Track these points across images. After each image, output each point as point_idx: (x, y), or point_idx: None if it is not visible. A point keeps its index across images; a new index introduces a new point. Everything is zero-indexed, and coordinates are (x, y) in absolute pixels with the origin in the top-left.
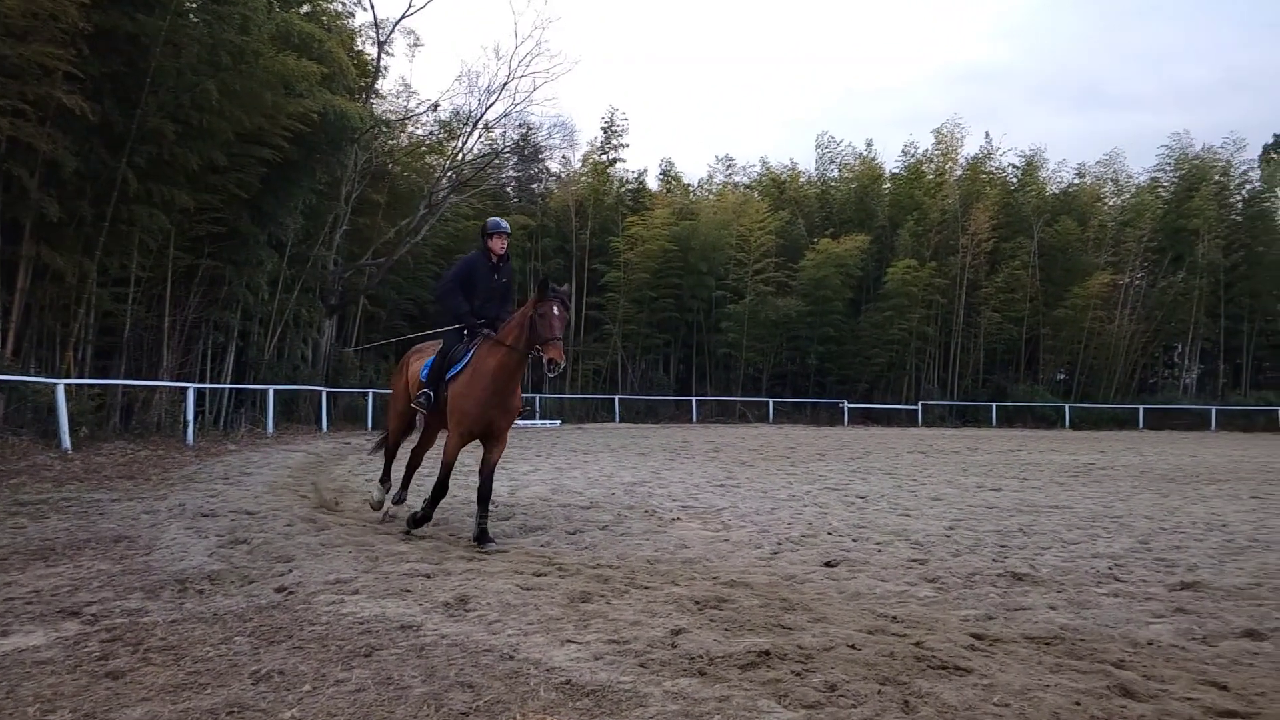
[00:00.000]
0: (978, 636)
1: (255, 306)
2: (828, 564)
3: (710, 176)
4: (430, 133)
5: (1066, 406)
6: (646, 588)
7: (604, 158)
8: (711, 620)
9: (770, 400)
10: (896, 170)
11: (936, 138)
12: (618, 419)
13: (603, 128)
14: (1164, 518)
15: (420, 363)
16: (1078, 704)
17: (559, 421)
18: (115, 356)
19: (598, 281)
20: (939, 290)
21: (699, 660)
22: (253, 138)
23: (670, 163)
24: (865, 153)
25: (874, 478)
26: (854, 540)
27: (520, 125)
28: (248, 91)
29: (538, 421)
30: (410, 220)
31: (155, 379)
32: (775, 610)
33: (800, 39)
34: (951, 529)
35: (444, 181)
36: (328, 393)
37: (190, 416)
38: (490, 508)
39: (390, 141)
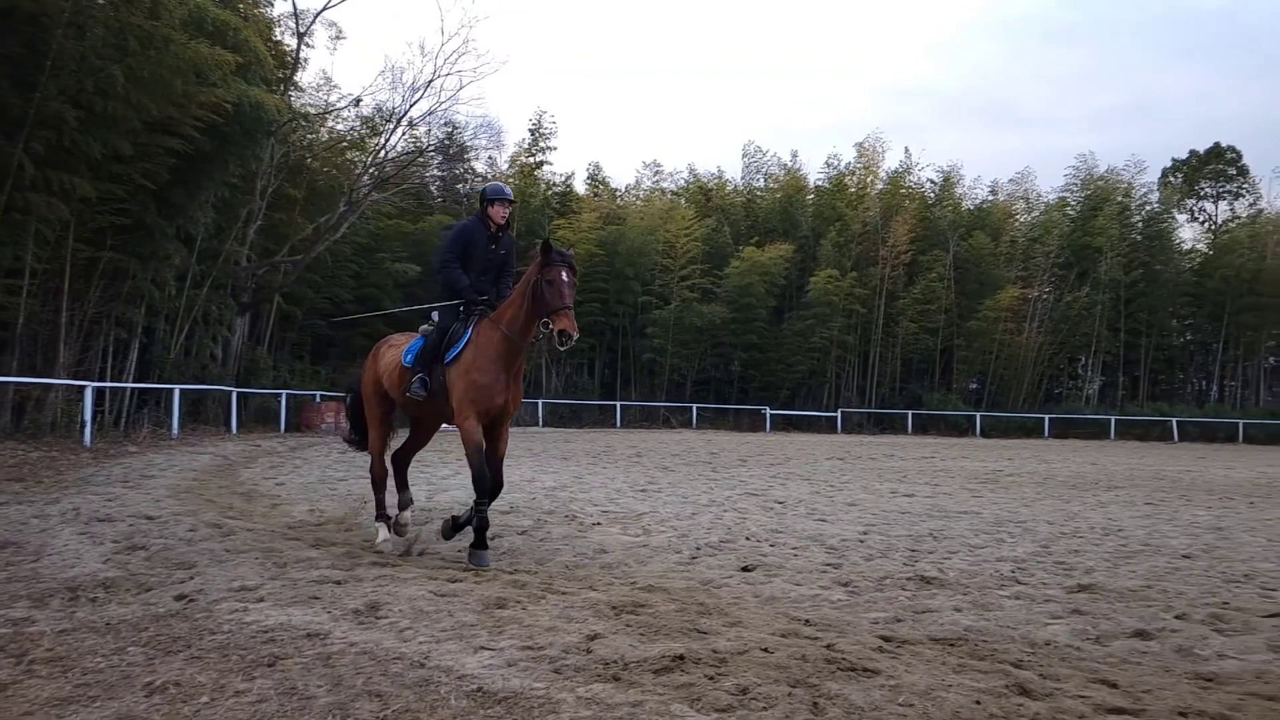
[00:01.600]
0: (886, 639)
1: (161, 302)
2: (745, 569)
3: (638, 182)
4: (352, 128)
5: (978, 415)
6: (564, 593)
7: (531, 160)
8: (628, 625)
9: (694, 406)
10: (820, 182)
11: (859, 151)
12: (541, 423)
13: (530, 129)
14: (1064, 523)
15: (398, 350)
16: (978, 703)
17: None
18: (6, 352)
19: None
20: (859, 300)
21: (613, 665)
22: (161, 127)
23: (598, 167)
24: (790, 164)
25: (793, 483)
26: (771, 545)
27: (445, 124)
28: (156, 79)
29: None
30: (330, 217)
31: (50, 376)
32: (691, 615)
33: (727, 49)
34: (865, 534)
35: (365, 178)
36: (238, 393)
37: (88, 416)
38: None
39: (309, 136)
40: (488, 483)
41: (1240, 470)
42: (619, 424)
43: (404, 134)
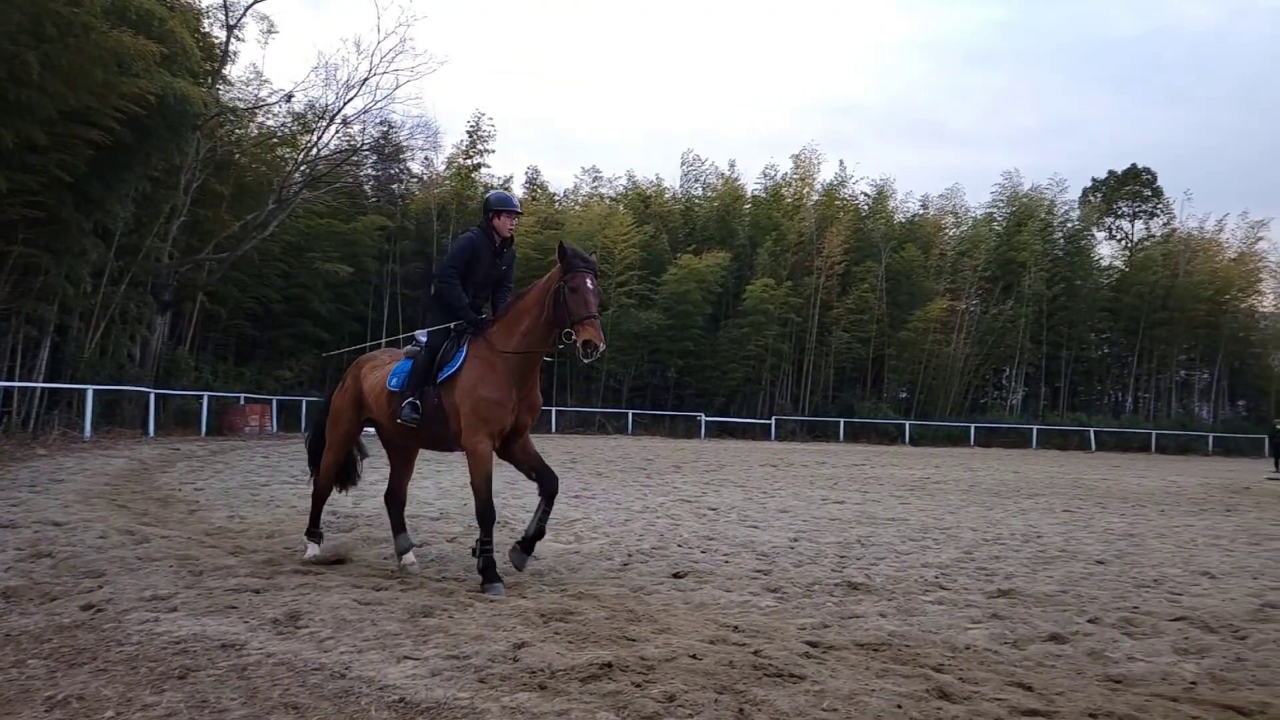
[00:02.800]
0: (813, 644)
1: (76, 299)
2: (676, 575)
3: (577, 187)
4: (283, 124)
5: (907, 423)
6: (492, 601)
7: (469, 161)
8: (556, 633)
9: (630, 412)
10: (757, 192)
11: (795, 163)
12: None
13: (468, 131)
14: (987, 529)
15: (383, 371)
16: (899, 707)
17: None
18: None
19: None
20: (794, 309)
21: (540, 674)
22: (79, 117)
23: (537, 171)
24: (729, 173)
25: (726, 490)
26: (703, 552)
27: (381, 123)
28: (75, 67)
29: None
30: (258, 215)
31: None
32: (621, 622)
33: (667, 59)
34: (796, 540)
35: (296, 176)
36: (156, 394)
37: None
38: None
39: (238, 131)
40: (493, 518)
41: (1152, 479)
42: (554, 430)
43: (337, 132)
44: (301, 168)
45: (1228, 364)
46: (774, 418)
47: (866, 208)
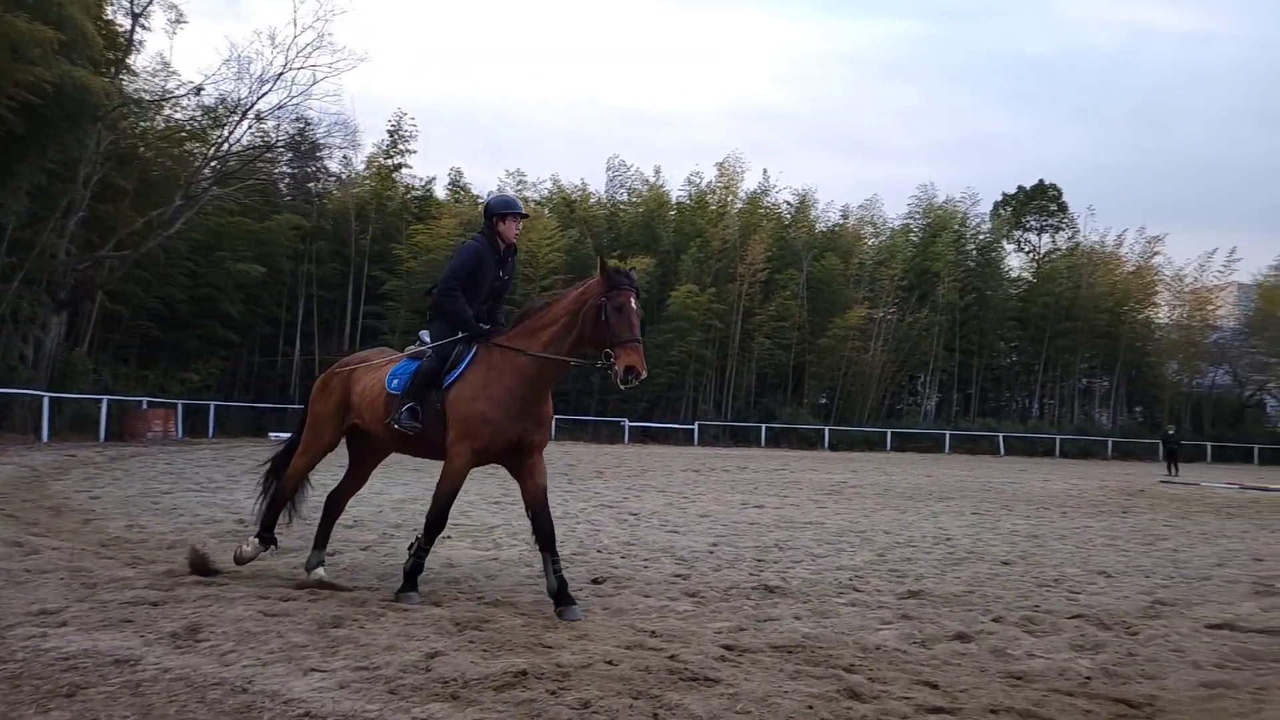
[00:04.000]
0: (729, 648)
1: None
2: (595, 581)
3: (500, 190)
4: (192, 118)
5: (826, 429)
6: (405, 610)
7: (389, 162)
8: (471, 641)
9: (553, 417)
10: (682, 198)
11: (720, 170)
12: None
13: (389, 131)
14: (900, 532)
15: (379, 373)
16: (810, 708)
17: None
18: None
19: (377, 289)
20: (717, 315)
21: (453, 683)
22: None
23: (459, 172)
24: (653, 179)
25: (647, 495)
26: (623, 557)
27: (297, 119)
28: None
29: None
30: (163, 211)
31: None
32: (538, 629)
33: (595, 63)
34: (715, 545)
35: (206, 172)
36: (51, 398)
37: None
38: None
39: (143, 123)
40: (441, 530)
41: (1056, 482)
42: None
43: (250, 127)
44: (211, 163)
45: (1126, 372)
46: (697, 423)
47: (789, 216)
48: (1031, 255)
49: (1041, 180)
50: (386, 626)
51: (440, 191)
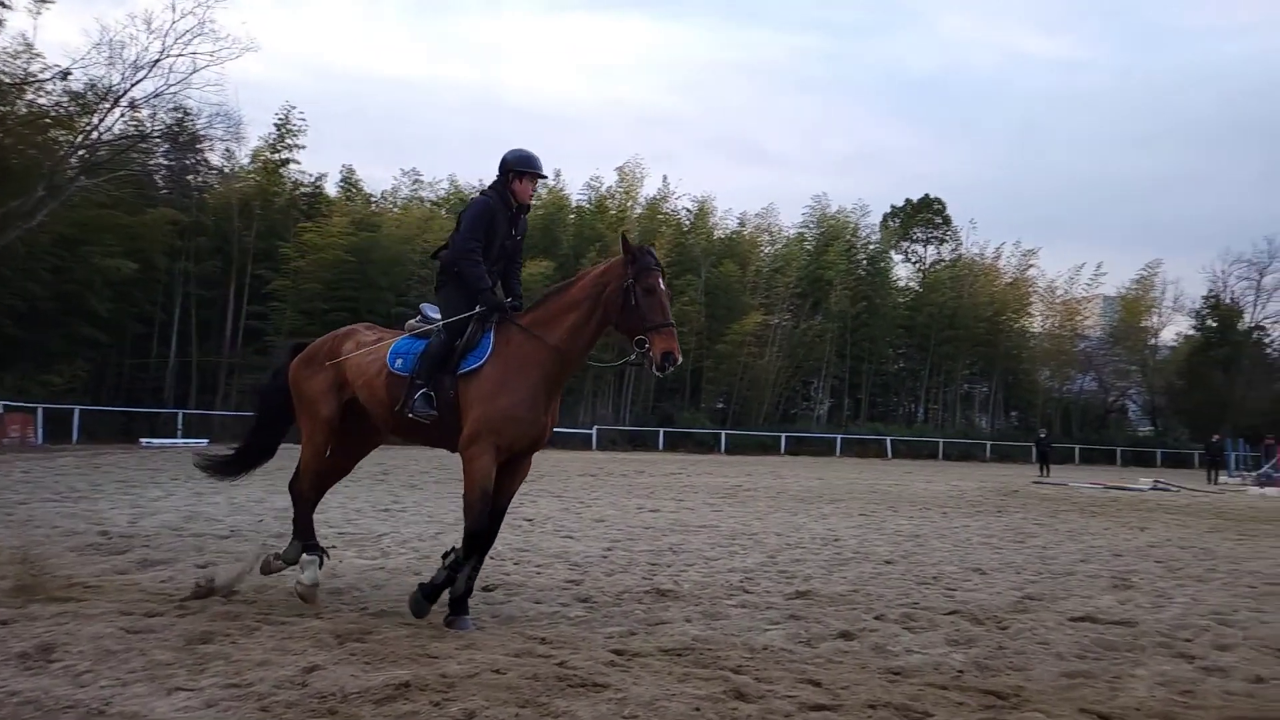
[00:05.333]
0: (618, 652)
1: None
2: (485, 588)
3: (395, 189)
4: (58, 103)
5: (723, 433)
6: (283, 623)
7: (276, 156)
8: (352, 654)
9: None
10: (582, 202)
11: (620, 175)
12: None
13: (276, 124)
14: (790, 534)
15: (377, 350)
16: (697, 709)
17: (206, 441)
18: None
19: (261, 289)
20: None
21: (330, 698)
22: None
23: (352, 170)
24: (553, 182)
25: (543, 500)
26: (515, 564)
27: (175, 109)
28: None
29: (179, 440)
30: (23, 201)
31: None
32: (423, 639)
33: (494, 63)
34: (609, 549)
35: (73, 161)
36: None
37: None
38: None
39: (2, 108)
40: (483, 540)
41: (938, 484)
42: None
43: (123, 115)
44: (79, 152)
45: (1003, 378)
46: (595, 427)
47: (688, 222)
48: (918, 266)
49: (927, 194)
50: (261, 641)
51: (331, 189)
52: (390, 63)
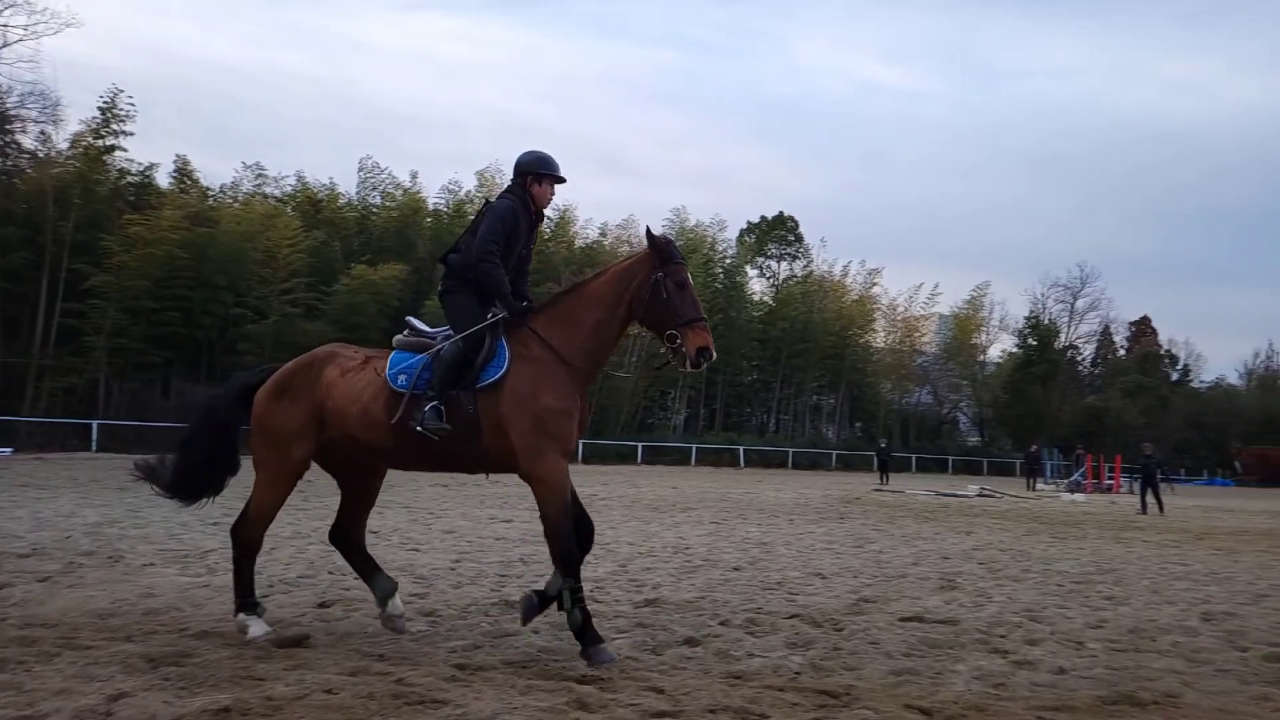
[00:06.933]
0: (461, 667)
1: None
2: (322, 605)
3: (236, 183)
4: None
5: (581, 442)
6: (88, 647)
7: (100, 142)
8: (166, 679)
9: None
10: (440, 205)
11: (480, 179)
12: (95, 447)
13: (101, 108)
14: (642, 543)
15: (368, 370)
16: None
17: (10, 450)
18: None
19: (79, 285)
20: None
21: None
22: None
23: (186, 160)
24: (409, 184)
25: (390, 512)
26: (355, 578)
27: None
28: None
29: None
30: None
31: None
32: (248, 660)
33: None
34: (458, 561)
35: None
36: None
37: None
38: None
39: None
40: (574, 559)
41: (787, 492)
42: None
43: None
44: None
45: (849, 391)
46: None
47: (549, 231)
48: (772, 281)
49: (781, 211)
50: (60, 668)
51: (163, 180)
52: (233, 49)
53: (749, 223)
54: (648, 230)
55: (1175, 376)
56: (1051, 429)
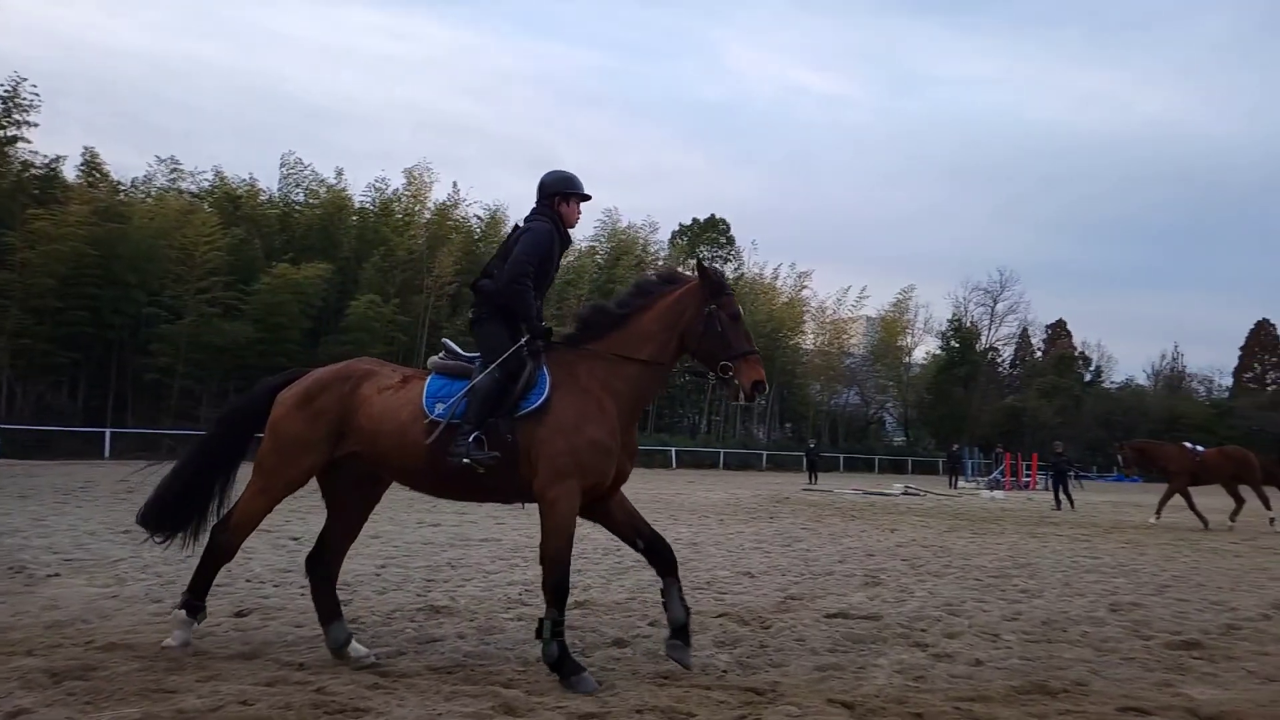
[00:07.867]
0: (383, 674)
1: None
2: (239, 614)
3: (149, 178)
4: None
5: None
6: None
7: (1, 133)
8: (70, 694)
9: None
10: (365, 203)
11: (408, 178)
12: None
13: (3, 97)
14: (574, 545)
15: (405, 392)
16: None
17: None
18: None
19: None
20: (401, 328)
21: None
22: None
23: (94, 153)
24: (334, 181)
25: (314, 518)
26: (276, 586)
27: None
28: None
29: None
30: None
31: None
32: (159, 673)
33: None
34: (383, 567)
35: None
36: None
37: None
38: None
39: None
40: (565, 592)
41: (718, 492)
42: (108, 455)
43: None
44: None
45: (779, 392)
46: None
47: (480, 231)
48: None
49: (713, 214)
50: None
51: (70, 173)
52: (145, 38)
53: (681, 224)
54: (699, 262)
55: (1088, 378)
56: (973, 429)
